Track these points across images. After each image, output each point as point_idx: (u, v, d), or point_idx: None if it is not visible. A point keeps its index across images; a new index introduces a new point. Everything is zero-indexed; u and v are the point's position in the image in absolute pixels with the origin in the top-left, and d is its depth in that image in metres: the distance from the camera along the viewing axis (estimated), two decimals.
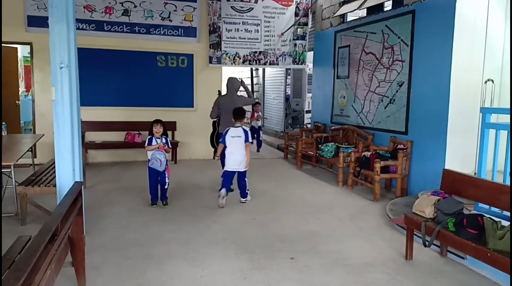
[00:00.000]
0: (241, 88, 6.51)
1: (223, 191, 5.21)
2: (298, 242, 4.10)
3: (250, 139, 5.45)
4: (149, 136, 5.20)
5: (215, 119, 6.50)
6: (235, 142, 5.34)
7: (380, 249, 3.96)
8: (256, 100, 6.85)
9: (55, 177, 4.05)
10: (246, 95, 7.29)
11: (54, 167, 4.04)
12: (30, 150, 5.45)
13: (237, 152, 5.32)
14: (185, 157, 8.45)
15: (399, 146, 5.96)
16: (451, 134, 5.25)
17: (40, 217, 4.44)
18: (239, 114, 5.46)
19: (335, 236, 4.32)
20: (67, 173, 3.81)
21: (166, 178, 5.17)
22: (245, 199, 5.48)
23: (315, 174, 7.36)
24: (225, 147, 5.45)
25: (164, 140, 5.13)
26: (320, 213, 5.10)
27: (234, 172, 5.40)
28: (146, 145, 5.18)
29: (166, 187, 5.23)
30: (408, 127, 6.01)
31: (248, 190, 5.51)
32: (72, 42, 3.81)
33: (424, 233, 3.36)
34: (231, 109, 5.60)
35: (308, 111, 11.50)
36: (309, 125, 10.21)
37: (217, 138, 6.25)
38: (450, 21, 5.18)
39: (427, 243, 3.35)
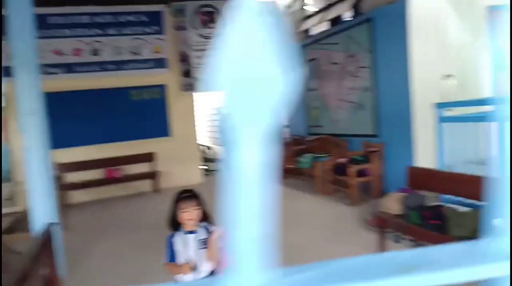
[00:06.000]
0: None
1: None
2: (277, 253, 4.14)
3: None
4: (170, 234, 2.39)
5: None
6: None
7: (358, 252, 4.03)
8: None
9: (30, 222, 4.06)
10: None
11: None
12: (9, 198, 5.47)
13: None
14: (169, 184, 8.39)
15: (371, 149, 6.11)
16: (417, 131, 5.41)
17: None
18: None
19: (314, 244, 4.39)
20: (41, 215, 3.84)
21: None
22: None
23: (296, 186, 7.44)
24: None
25: (204, 231, 2.33)
26: (298, 222, 5.17)
27: None
28: (166, 256, 2.35)
29: None
30: (379, 130, 6.18)
31: None
32: (37, 89, 3.89)
33: (394, 230, 3.46)
34: None
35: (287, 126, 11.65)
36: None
37: None
38: (404, 24, 5.40)
39: (397, 238, 3.44)
